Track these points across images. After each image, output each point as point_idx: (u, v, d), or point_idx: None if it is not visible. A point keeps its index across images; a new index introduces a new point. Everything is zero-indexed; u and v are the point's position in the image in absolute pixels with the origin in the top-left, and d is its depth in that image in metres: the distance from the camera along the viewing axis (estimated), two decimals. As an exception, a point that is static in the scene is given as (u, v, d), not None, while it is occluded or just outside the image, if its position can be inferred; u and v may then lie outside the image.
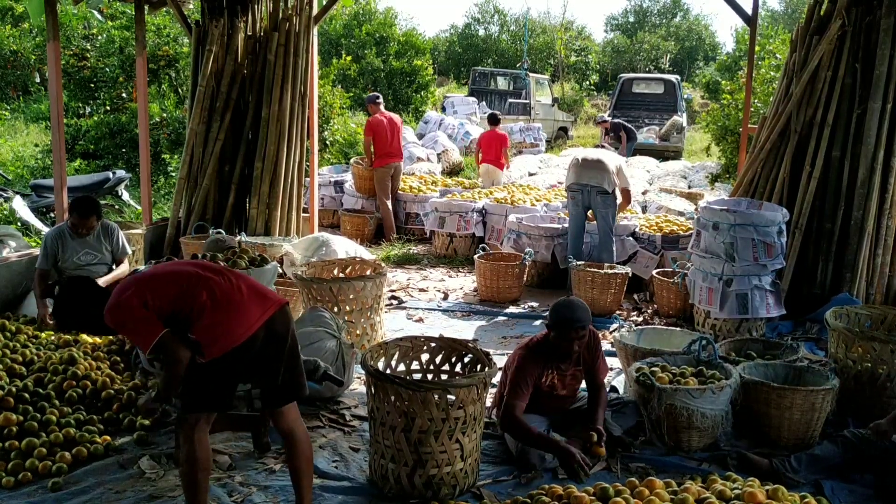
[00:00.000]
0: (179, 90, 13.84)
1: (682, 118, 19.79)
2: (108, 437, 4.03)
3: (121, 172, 10.44)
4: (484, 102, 22.77)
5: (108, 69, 13.87)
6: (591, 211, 7.33)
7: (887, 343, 4.49)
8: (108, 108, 13.71)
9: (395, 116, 10.17)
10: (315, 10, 7.79)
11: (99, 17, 14.86)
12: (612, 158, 7.40)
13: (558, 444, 3.76)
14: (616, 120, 17.42)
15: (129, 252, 6.13)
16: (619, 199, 7.34)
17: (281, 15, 7.56)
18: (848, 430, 3.94)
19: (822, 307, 5.98)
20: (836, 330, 4.76)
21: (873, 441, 3.77)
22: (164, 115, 12.91)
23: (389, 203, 9.91)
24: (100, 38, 14.23)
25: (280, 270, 6.25)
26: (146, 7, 8.11)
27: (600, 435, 3.88)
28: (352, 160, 10.94)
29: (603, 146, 8.25)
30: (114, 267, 5.91)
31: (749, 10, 7.22)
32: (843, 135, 6.36)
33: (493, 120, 12.10)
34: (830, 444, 3.86)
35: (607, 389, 4.45)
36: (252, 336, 3.07)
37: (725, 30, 75.28)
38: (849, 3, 6.28)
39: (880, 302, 6.26)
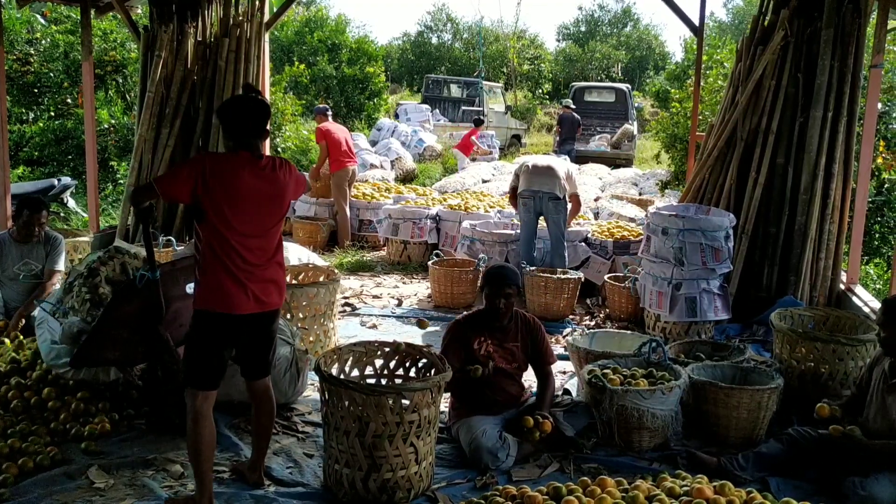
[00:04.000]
0: (127, 96, 13.59)
1: (632, 126, 20.09)
2: (55, 448, 3.93)
3: (66, 179, 10.21)
4: (437, 110, 22.83)
5: (52, 74, 13.55)
6: (542, 217, 7.42)
7: (829, 343, 4.63)
8: (52, 113, 13.41)
9: (343, 128, 10.14)
10: (266, 17, 7.76)
11: (42, 21, 14.50)
12: (561, 165, 7.51)
13: None
14: (565, 113, 17.57)
15: (62, 269, 5.78)
16: (570, 206, 7.44)
17: (232, 21, 7.50)
18: (792, 427, 4.04)
19: (767, 309, 6.09)
20: (780, 331, 4.89)
21: (813, 437, 3.88)
22: (113, 121, 12.67)
23: (347, 208, 9.82)
24: (43, 42, 13.88)
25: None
26: (92, 11, 7.98)
27: (537, 420, 3.97)
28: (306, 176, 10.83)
29: (556, 152, 8.41)
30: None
31: (696, 21, 7.39)
32: (787, 142, 6.53)
33: (478, 122, 17.77)
34: (776, 441, 3.96)
35: (557, 385, 4.56)
36: (233, 317, 3.31)
37: (675, 40, 76.86)
38: (791, 15, 6.46)
39: (823, 304, 6.43)
